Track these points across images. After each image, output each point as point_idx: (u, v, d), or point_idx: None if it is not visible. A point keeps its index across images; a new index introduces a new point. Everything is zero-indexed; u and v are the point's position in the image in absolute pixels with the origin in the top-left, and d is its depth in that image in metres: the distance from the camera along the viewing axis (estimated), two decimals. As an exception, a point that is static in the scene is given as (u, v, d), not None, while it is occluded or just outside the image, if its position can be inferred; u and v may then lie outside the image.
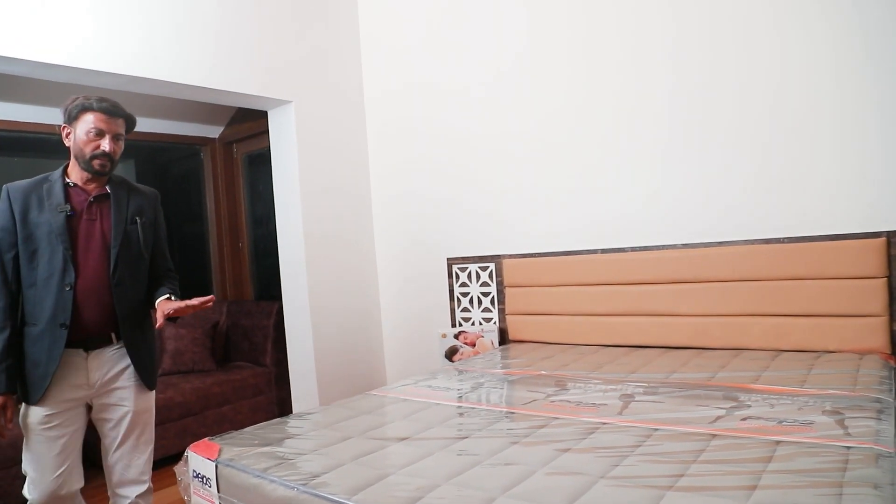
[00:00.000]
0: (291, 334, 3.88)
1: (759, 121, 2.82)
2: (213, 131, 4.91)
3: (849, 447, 1.55)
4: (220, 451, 1.85)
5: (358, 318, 4.05)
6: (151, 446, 2.21)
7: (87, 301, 1.98)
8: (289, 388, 3.96)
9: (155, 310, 2.10)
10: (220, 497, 1.78)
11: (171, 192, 5.03)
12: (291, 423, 2.14)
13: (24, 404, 1.94)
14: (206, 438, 1.97)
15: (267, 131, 3.95)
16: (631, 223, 3.20)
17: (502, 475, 1.53)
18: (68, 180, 2.02)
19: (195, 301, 2.02)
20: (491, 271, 3.70)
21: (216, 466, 1.80)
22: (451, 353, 3.59)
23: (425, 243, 4.02)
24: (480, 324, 3.73)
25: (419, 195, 4.01)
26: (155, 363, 2.21)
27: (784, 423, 1.77)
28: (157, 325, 2.04)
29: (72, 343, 1.96)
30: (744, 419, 1.84)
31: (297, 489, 1.55)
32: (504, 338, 3.65)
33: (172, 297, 2.13)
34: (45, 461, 1.94)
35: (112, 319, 2.04)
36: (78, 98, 1.99)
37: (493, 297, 3.71)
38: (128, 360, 2.08)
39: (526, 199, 3.56)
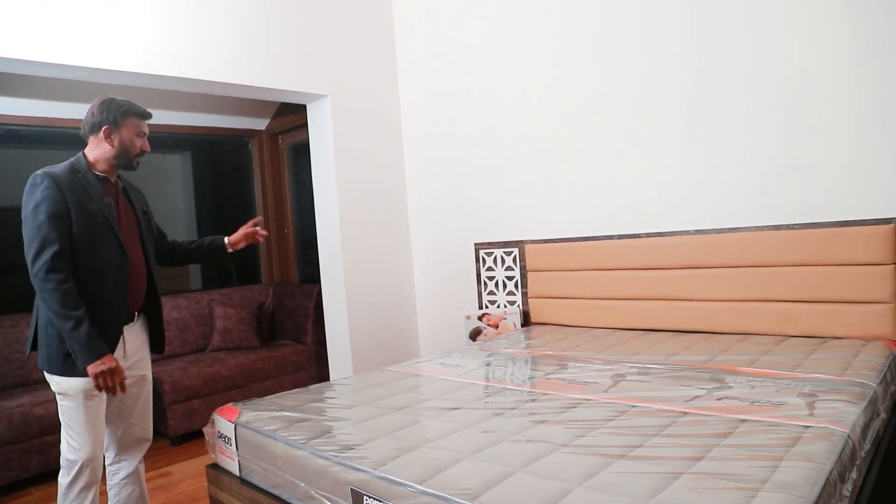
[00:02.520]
0: (329, 315, 4.13)
1: (770, 111, 2.84)
2: (260, 124, 5.21)
3: (807, 426, 1.64)
4: (239, 414, 2.09)
5: (391, 300, 4.26)
6: None
7: (133, 283, 2.20)
8: (327, 365, 4.22)
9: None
10: (238, 454, 2.02)
11: (224, 181, 5.38)
12: (308, 393, 2.37)
13: (70, 378, 2.03)
14: (230, 404, 2.22)
15: (307, 123, 4.18)
16: (646, 210, 3.27)
17: (476, 440, 1.69)
18: (97, 173, 2.15)
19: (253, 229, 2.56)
20: (515, 256, 3.83)
21: (235, 427, 2.04)
22: (475, 334, 3.75)
23: (455, 229, 4.19)
24: (505, 306, 3.87)
25: (450, 185, 4.18)
26: (162, 328, 2.41)
27: (755, 404, 1.86)
28: (239, 246, 2.54)
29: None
30: (719, 399, 1.94)
31: (297, 447, 1.76)
32: (527, 320, 3.79)
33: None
34: (90, 427, 2.06)
35: (142, 297, 2.27)
36: (118, 102, 2.17)
37: (516, 280, 3.85)
38: (145, 332, 2.32)
39: (548, 188, 3.67)
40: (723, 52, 2.96)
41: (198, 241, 2.58)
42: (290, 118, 4.95)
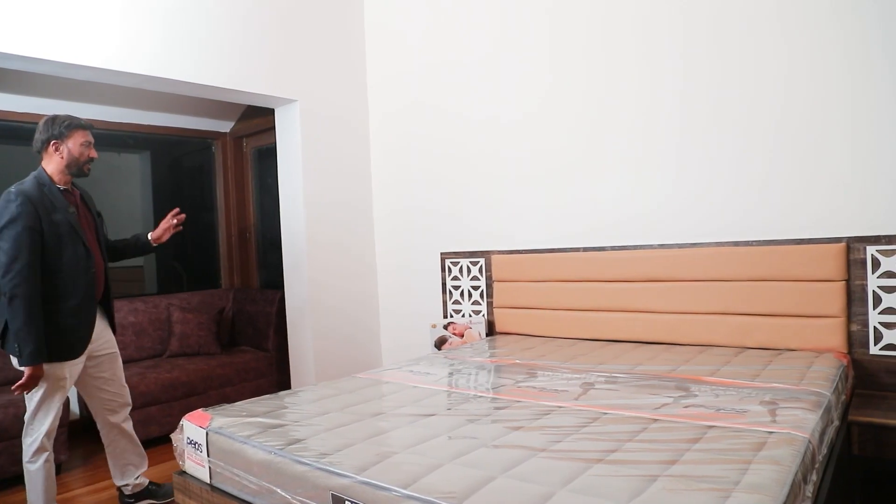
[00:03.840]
0: (292, 321, 4.09)
1: (731, 134, 2.98)
2: (225, 126, 5.14)
3: (770, 432, 1.72)
4: (210, 420, 2.06)
5: (355, 308, 4.25)
6: None
7: (99, 279, 2.59)
8: (289, 371, 4.17)
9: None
10: (209, 461, 1.99)
11: (185, 183, 5.27)
12: (279, 399, 2.34)
13: (55, 364, 2.40)
14: (200, 409, 2.18)
15: (275, 127, 4.15)
16: (611, 224, 3.36)
17: (454, 446, 1.71)
18: (58, 186, 2.46)
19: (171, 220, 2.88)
20: (481, 266, 3.88)
21: (207, 434, 2.00)
22: (440, 343, 3.77)
23: (421, 238, 4.21)
24: (470, 316, 3.91)
25: (417, 194, 4.21)
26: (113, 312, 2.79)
27: (721, 411, 1.94)
28: (162, 239, 2.87)
29: None
30: (686, 406, 2.01)
31: (274, 453, 1.75)
32: (491, 330, 3.83)
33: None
34: (56, 407, 2.45)
35: (102, 289, 2.65)
36: (60, 118, 2.45)
37: (482, 290, 3.89)
38: (105, 317, 2.72)
39: (515, 200, 3.74)
40: (689, 74, 3.09)
41: (125, 240, 2.91)
42: (256, 121, 4.90)
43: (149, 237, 2.87)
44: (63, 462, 3.29)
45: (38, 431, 2.43)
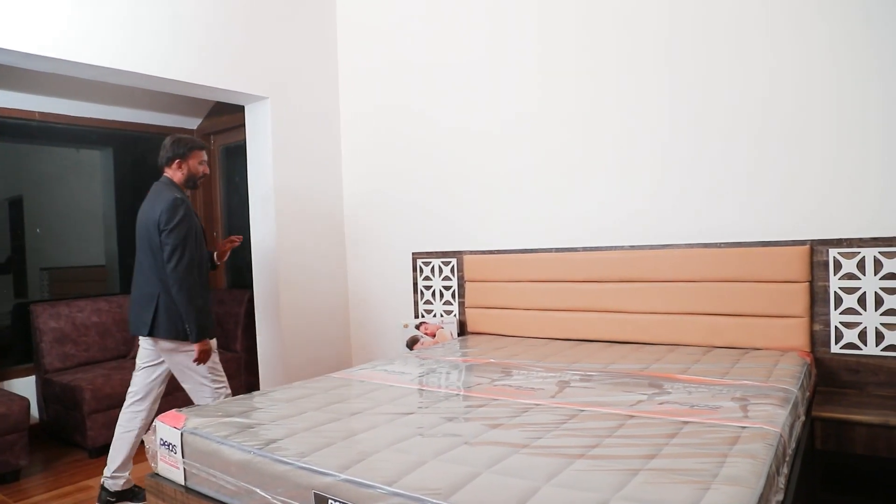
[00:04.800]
0: (261, 321, 4.04)
1: (696, 138, 3.05)
2: (192, 123, 5.04)
3: (744, 427, 1.77)
4: (185, 420, 2.02)
5: (326, 308, 4.21)
6: None
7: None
8: (258, 373, 4.11)
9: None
10: (184, 462, 1.95)
11: (149, 181, 5.13)
12: (254, 400, 2.31)
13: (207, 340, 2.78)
14: (174, 410, 2.13)
15: (244, 124, 4.09)
16: (583, 225, 3.41)
17: (437, 444, 1.72)
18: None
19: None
20: (453, 266, 3.89)
21: (181, 434, 1.96)
22: (412, 343, 3.77)
23: (393, 238, 4.20)
24: (442, 316, 3.92)
25: (389, 194, 4.20)
26: None
27: (695, 408, 1.99)
28: (223, 258, 3.20)
29: None
30: (661, 403, 2.05)
31: (253, 453, 1.72)
32: (463, 329, 3.85)
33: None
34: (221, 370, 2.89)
35: None
36: (184, 140, 2.88)
37: (454, 290, 3.90)
38: None
39: (488, 201, 3.76)
40: (664, 80, 3.15)
41: None
42: (224, 119, 4.82)
43: (214, 255, 3.19)
44: (23, 467, 3.18)
45: (217, 394, 2.84)
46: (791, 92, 2.83)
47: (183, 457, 1.95)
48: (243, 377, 4.28)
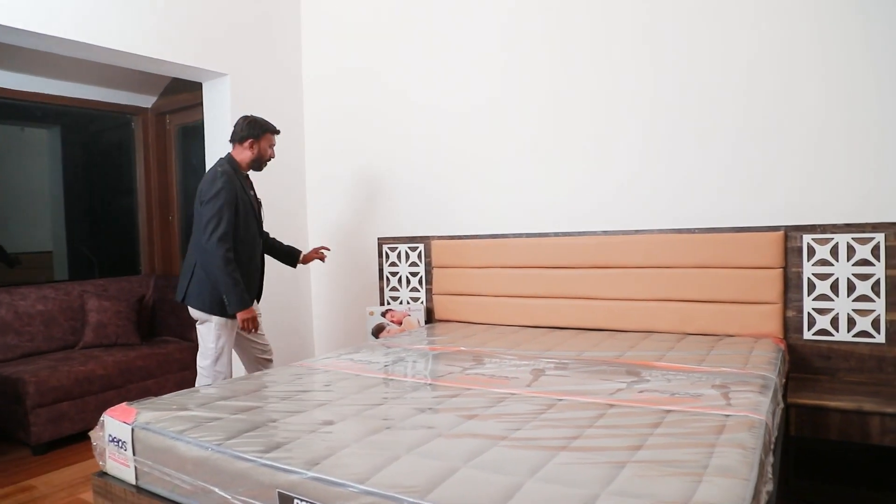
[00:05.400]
0: (220, 310, 3.86)
1: (673, 124, 3.00)
2: (146, 101, 4.79)
3: (728, 415, 1.71)
4: (136, 415, 1.86)
5: (287, 295, 4.06)
6: None
7: (261, 253, 2.99)
8: (216, 363, 3.93)
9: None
10: (135, 460, 1.80)
11: (100, 162, 4.89)
12: (211, 391, 2.17)
13: (218, 316, 2.76)
14: (124, 403, 1.97)
15: (202, 103, 3.89)
16: (555, 210, 3.33)
17: (410, 437, 1.61)
18: (243, 172, 2.87)
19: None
20: (420, 252, 3.78)
21: (132, 430, 1.81)
22: (377, 331, 3.65)
23: (357, 222, 4.06)
24: (408, 303, 3.80)
25: (353, 175, 4.05)
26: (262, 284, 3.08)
27: (676, 396, 1.92)
28: (307, 262, 3.30)
29: None
30: (641, 392, 1.99)
31: (212, 449, 1.59)
32: (430, 317, 3.74)
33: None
34: (228, 353, 2.84)
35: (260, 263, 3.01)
36: (259, 121, 2.88)
37: (421, 276, 3.79)
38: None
39: (456, 184, 3.65)
40: (642, 65, 3.08)
41: (278, 241, 3.28)
42: (181, 97, 4.59)
43: (300, 256, 3.29)
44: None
45: (216, 373, 2.80)
46: (769, 80, 2.80)
47: (134, 454, 1.80)
48: (201, 368, 4.10)
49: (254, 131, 2.85)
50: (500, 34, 3.47)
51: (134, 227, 4.86)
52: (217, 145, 3.76)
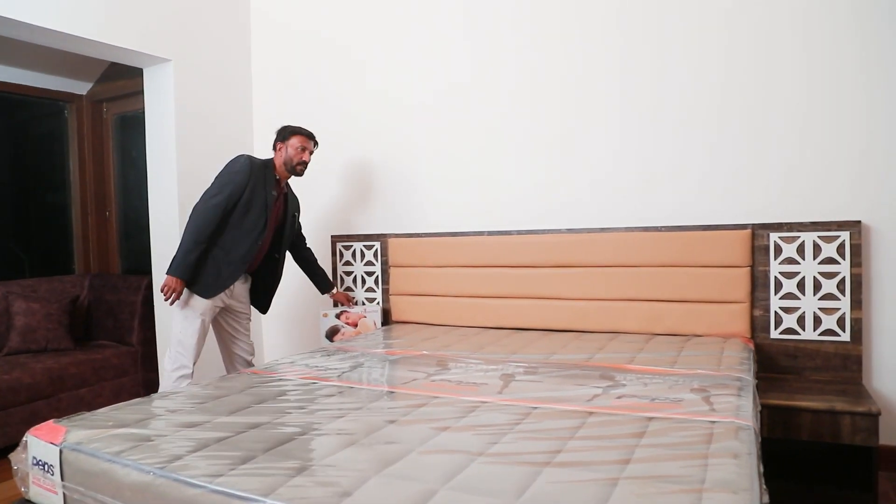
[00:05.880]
0: (161, 311, 3.62)
1: (641, 120, 2.95)
2: (82, 87, 4.46)
3: (713, 421, 1.63)
4: (65, 433, 1.65)
5: (237, 296, 3.83)
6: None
7: (259, 253, 2.90)
8: (157, 369, 3.69)
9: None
10: (63, 486, 1.59)
11: (29, 152, 4.53)
12: (153, 404, 1.97)
13: (195, 297, 2.75)
14: (51, 421, 1.75)
15: (143, 91, 3.63)
16: (519, 207, 3.23)
17: (379, 454, 1.46)
18: (276, 174, 2.92)
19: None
20: (376, 250, 3.62)
21: (60, 451, 1.60)
22: (332, 334, 3.47)
23: (309, 219, 3.86)
24: (363, 303, 3.64)
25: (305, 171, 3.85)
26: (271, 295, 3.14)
27: (656, 401, 1.83)
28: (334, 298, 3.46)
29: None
30: (619, 397, 1.89)
31: (154, 473, 1.40)
32: (387, 319, 3.59)
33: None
34: (193, 341, 2.77)
35: (256, 266, 2.97)
36: (290, 128, 2.95)
37: (377, 276, 3.63)
38: (247, 287, 3.02)
39: (415, 178, 3.51)
40: (612, 59, 3.01)
41: (318, 265, 3.38)
42: (119, 84, 4.28)
43: (333, 290, 3.42)
44: None
45: (177, 353, 2.77)
46: (743, 78, 2.77)
47: (62, 479, 1.59)
48: (140, 374, 3.83)
49: (281, 135, 2.94)
50: (464, 17, 3.34)
51: (67, 223, 4.52)
52: (159, 135, 3.51)
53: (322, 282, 3.37)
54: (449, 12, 3.37)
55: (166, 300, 2.70)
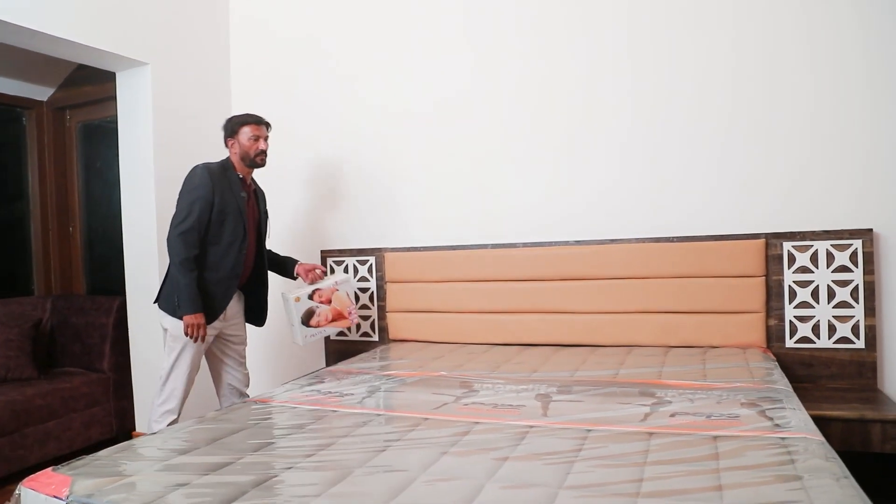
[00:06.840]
0: (136, 335, 3.37)
1: (648, 128, 2.91)
2: (42, 93, 4.14)
3: (783, 437, 1.55)
4: (71, 484, 1.44)
5: (218, 316, 3.60)
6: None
7: (248, 260, 2.74)
8: (131, 397, 3.43)
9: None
10: (73, 546, 1.38)
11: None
12: (160, 442, 1.76)
13: (176, 319, 2.56)
14: (49, 469, 1.53)
15: (112, 97, 3.39)
16: (523, 218, 3.14)
17: (445, 492, 1.32)
18: (238, 174, 2.71)
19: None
20: (371, 265, 3.46)
21: (69, 505, 1.39)
22: (307, 317, 3.14)
23: (297, 233, 3.68)
24: (336, 284, 3.28)
25: (293, 180, 3.67)
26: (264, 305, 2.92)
27: (712, 418, 1.75)
28: (302, 277, 3.04)
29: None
30: (672, 415, 1.80)
31: (195, 527, 1.22)
32: (384, 337, 3.43)
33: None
34: (186, 370, 2.64)
35: (247, 276, 2.80)
36: (234, 119, 2.73)
37: (371, 293, 3.47)
38: (241, 304, 2.85)
39: (412, 190, 3.38)
40: (620, 67, 2.96)
41: (276, 254, 3.09)
42: (84, 90, 4.00)
43: (296, 268, 3.04)
44: None
45: (167, 392, 2.64)
46: (752, 88, 2.77)
47: (72, 539, 1.38)
48: (112, 403, 3.54)
49: (227, 129, 2.74)
50: (466, 25, 3.23)
51: (26, 239, 4.17)
52: (135, 144, 3.27)
53: (285, 263, 3.06)
54: (449, 17, 3.26)
55: (195, 340, 2.57)
